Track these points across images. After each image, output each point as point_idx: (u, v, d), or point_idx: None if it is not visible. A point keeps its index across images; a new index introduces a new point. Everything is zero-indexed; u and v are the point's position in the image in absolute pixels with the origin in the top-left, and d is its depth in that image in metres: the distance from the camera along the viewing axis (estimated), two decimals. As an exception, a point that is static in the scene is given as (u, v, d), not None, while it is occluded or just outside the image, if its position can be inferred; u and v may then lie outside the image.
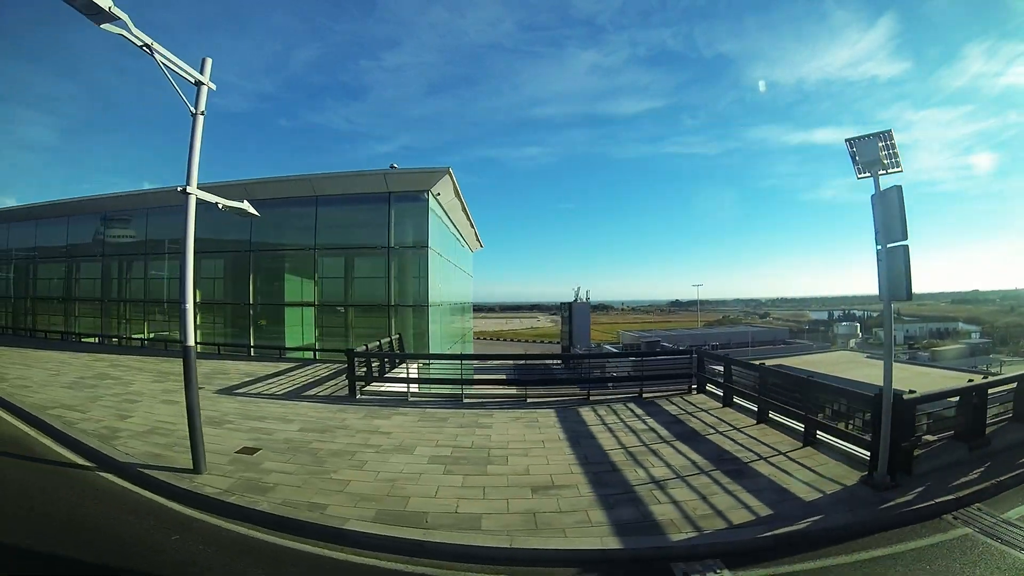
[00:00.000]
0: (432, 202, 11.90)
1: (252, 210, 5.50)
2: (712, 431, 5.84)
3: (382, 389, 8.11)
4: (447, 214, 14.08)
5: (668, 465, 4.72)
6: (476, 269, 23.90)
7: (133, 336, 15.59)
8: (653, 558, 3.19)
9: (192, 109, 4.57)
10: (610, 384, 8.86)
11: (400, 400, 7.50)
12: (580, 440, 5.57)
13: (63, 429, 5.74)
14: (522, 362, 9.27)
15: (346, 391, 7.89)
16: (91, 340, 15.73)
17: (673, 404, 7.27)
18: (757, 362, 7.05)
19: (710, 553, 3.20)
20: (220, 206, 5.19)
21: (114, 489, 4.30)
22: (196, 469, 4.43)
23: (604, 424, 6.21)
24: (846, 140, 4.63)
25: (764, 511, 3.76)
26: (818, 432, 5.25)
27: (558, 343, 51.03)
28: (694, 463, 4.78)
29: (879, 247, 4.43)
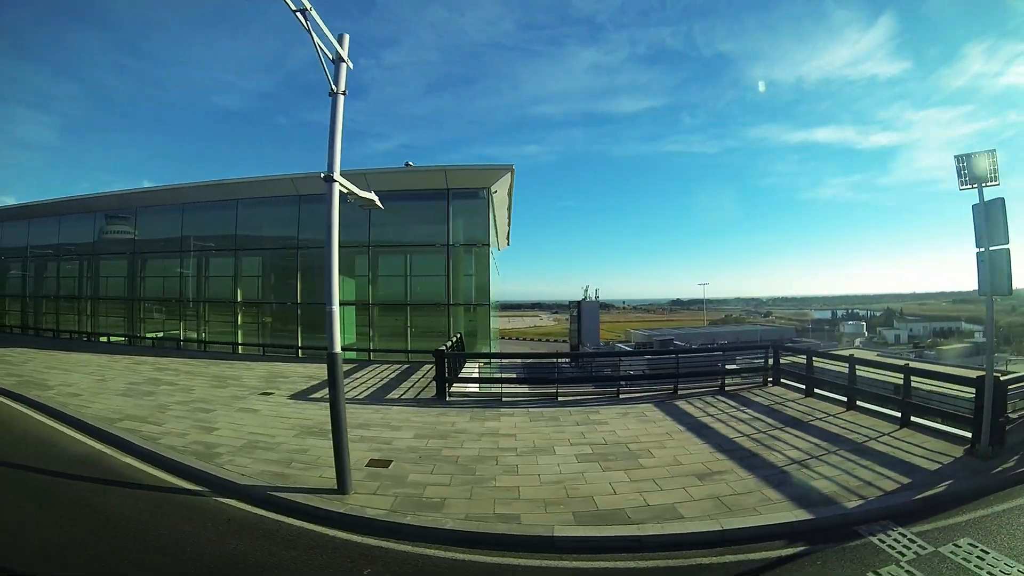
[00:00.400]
0: (490, 199, 12.43)
1: (379, 203, 5.33)
2: (812, 418, 6.57)
3: (466, 390, 8.57)
4: (494, 211, 14.59)
5: (795, 448, 5.39)
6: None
7: (166, 337, 15.61)
8: (840, 524, 3.77)
9: (333, 87, 4.45)
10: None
11: (493, 400, 7.87)
12: (701, 430, 6.20)
13: (147, 446, 5.40)
14: (626, 359, 9.83)
15: (422, 393, 8.35)
16: (120, 341, 15.79)
17: (758, 396, 8.01)
18: (846, 353, 7.86)
19: (881, 516, 3.85)
20: (349, 199, 5.02)
21: (248, 518, 3.90)
22: (342, 489, 4.18)
23: (709, 415, 6.89)
24: (955, 156, 5.38)
25: (903, 479, 4.46)
26: (912, 416, 6.08)
27: (565, 341, 51.90)
28: (816, 445, 5.47)
29: (981, 249, 5.22)
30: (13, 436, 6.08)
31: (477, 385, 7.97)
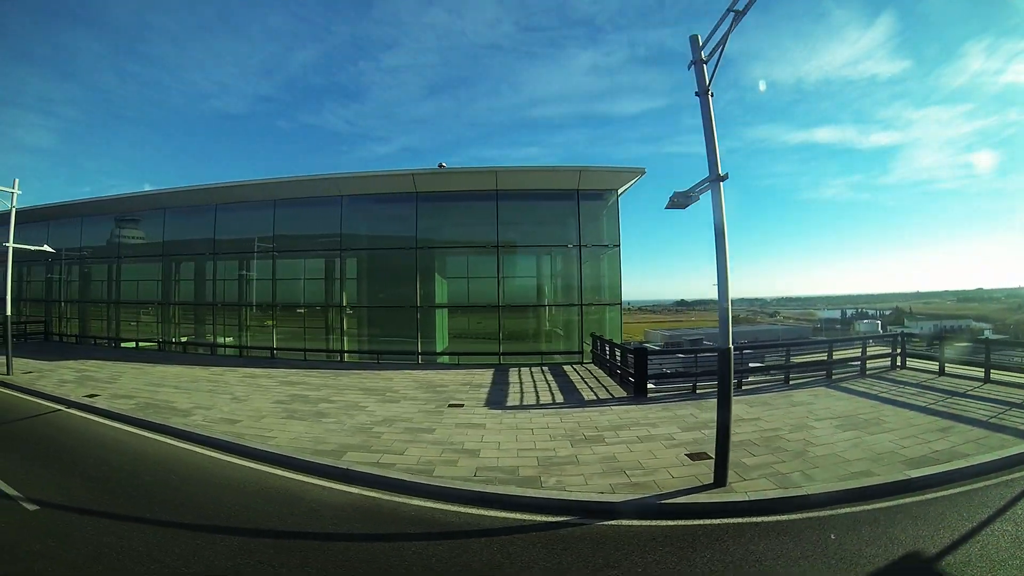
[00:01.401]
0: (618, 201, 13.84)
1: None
2: (972, 390, 8.54)
3: (650, 387, 9.80)
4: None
5: (983, 410, 7.25)
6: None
7: (254, 346, 15.52)
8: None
9: (697, 88, 5.10)
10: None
11: (687, 393, 9.14)
12: (893, 404, 7.95)
13: (460, 486, 4.91)
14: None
15: (604, 392, 9.52)
16: (201, 351, 16.00)
17: (901, 376, 10.00)
18: (984, 336, 10.12)
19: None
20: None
21: (675, 531, 4.10)
22: (720, 483, 4.78)
23: (881, 393, 8.68)
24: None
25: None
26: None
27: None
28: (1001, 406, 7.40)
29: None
30: (221, 483, 5.27)
31: (653, 381, 9.38)
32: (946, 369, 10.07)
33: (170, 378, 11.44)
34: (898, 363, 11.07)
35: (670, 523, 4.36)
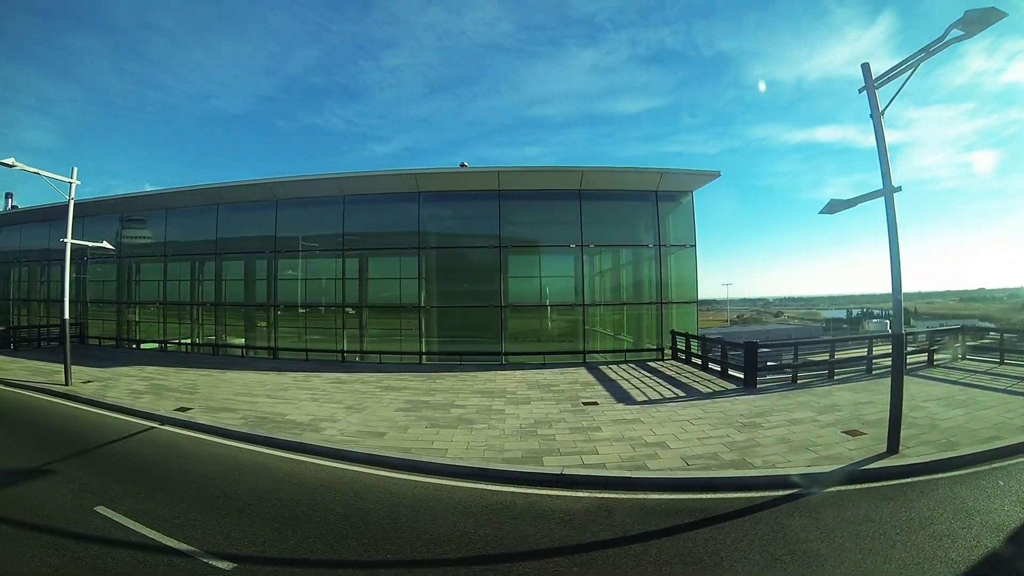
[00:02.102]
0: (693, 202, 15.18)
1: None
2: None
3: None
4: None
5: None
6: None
7: (321, 348, 15.72)
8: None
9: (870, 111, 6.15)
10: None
11: (787, 384, 10.49)
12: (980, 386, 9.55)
13: (697, 475, 5.48)
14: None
15: (708, 385, 10.68)
16: (252, 354, 16.22)
17: (959, 369, 11.59)
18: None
19: None
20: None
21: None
22: (892, 450, 6.01)
23: (959, 384, 10.04)
24: None
25: None
26: None
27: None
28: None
29: None
30: (441, 507, 5.06)
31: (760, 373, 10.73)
32: (1005, 359, 11.83)
33: (253, 386, 11.47)
34: (959, 355, 12.82)
35: (875, 484, 5.50)
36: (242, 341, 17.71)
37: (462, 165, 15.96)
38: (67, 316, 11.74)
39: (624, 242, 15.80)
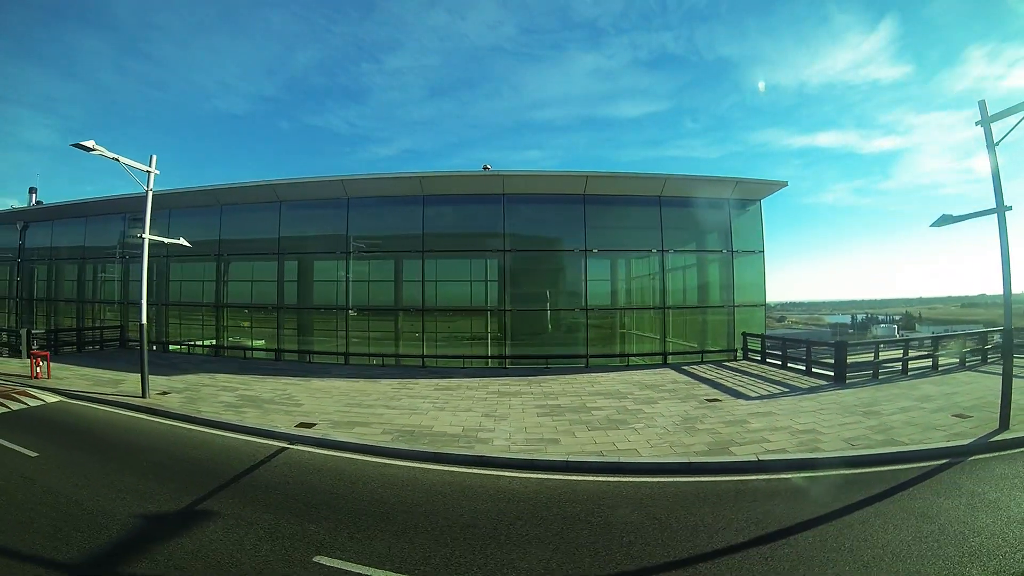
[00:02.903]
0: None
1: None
2: None
3: (830, 373, 12.91)
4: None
5: None
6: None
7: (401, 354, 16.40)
8: None
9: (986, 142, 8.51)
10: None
11: (869, 379, 12.16)
12: None
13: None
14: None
15: (800, 381, 12.39)
16: (331, 360, 16.35)
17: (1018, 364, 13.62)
18: None
19: None
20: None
21: None
22: (1003, 427, 7.63)
23: None
24: None
25: None
26: None
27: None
28: None
29: None
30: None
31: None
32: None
33: (355, 394, 11.66)
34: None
35: (1004, 452, 7.23)
36: (295, 345, 18.09)
37: (485, 168, 16.90)
38: (144, 320, 11.26)
39: (700, 247, 17.47)
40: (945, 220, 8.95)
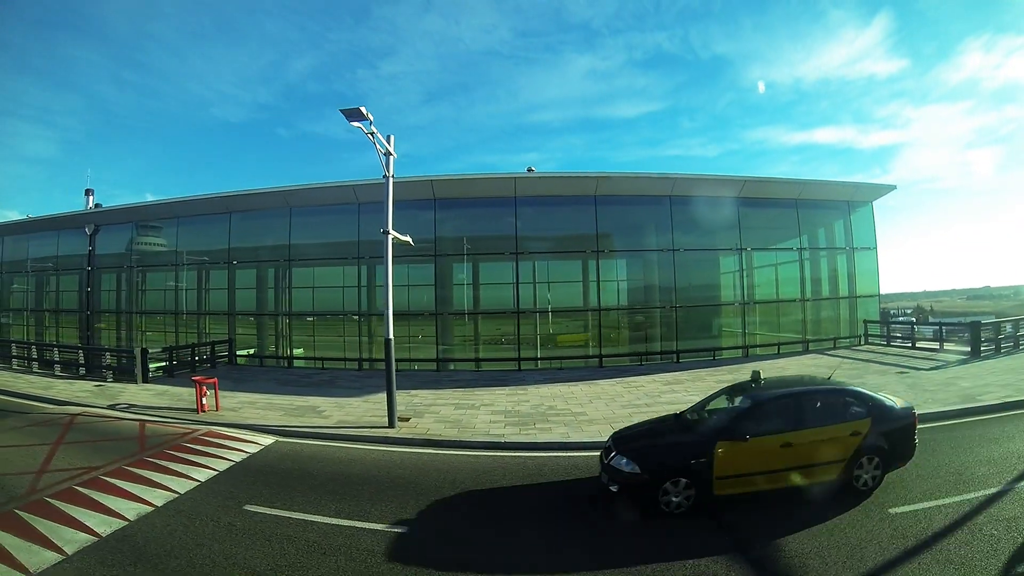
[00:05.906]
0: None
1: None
2: None
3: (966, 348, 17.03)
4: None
5: None
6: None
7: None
8: None
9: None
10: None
11: (992, 352, 16.24)
12: None
13: None
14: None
15: (940, 359, 16.66)
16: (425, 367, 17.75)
17: None
18: None
19: None
20: None
21: None
22: None
23: None
24: None
25: None
26: None
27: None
28: None
29: None
30: None
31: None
32: None
33: (582, 399, 12.51)
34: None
35: None
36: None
37: (529, 170, 19.25)
38: (391, 334, 10.64)
39: (829, 245, 21.57)
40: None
